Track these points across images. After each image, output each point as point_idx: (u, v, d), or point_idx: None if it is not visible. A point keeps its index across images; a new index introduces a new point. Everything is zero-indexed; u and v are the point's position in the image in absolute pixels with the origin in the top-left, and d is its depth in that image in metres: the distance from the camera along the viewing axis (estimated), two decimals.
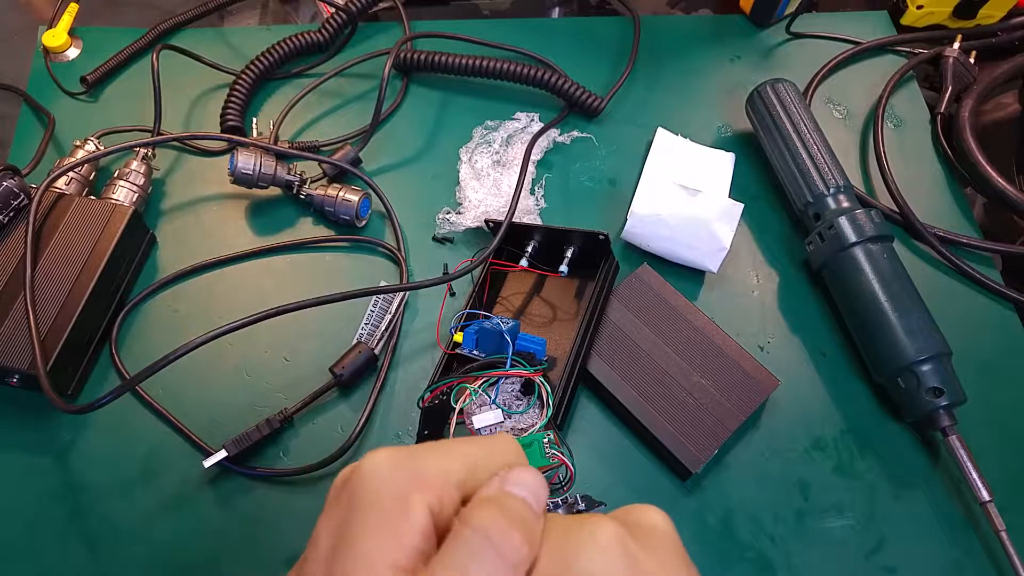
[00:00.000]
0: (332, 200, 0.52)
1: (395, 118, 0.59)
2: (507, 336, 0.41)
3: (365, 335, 0.49)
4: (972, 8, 0.63)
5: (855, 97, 0.61)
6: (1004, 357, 0.50)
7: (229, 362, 0.48)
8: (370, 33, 0.63)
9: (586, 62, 0.61)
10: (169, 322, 0.50)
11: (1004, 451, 0.46)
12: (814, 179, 0.51)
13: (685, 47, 0.64)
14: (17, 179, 0.47)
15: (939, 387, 0.44)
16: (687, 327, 0.47)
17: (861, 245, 0.47)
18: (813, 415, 0.48)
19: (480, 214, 0.52)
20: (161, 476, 0.45)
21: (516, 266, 0.49)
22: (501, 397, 0.40)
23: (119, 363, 0.48)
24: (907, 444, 0.47)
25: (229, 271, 0.52)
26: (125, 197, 0.51)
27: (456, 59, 0.58)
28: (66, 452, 0.45)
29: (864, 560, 0.43)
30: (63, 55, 0.61)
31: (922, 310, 0.46)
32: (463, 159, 0.56)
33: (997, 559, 0.43)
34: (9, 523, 0.43)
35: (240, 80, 0.57)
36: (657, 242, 0.51)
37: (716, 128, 0.59)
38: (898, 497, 0.45)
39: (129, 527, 0.43)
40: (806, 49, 0.64)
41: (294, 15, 0.66)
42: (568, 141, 0.58)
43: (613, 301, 0.48)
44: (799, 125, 0.52)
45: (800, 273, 0.53)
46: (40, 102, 0.58)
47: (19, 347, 0.43)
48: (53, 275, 0.46)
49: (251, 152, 0.51)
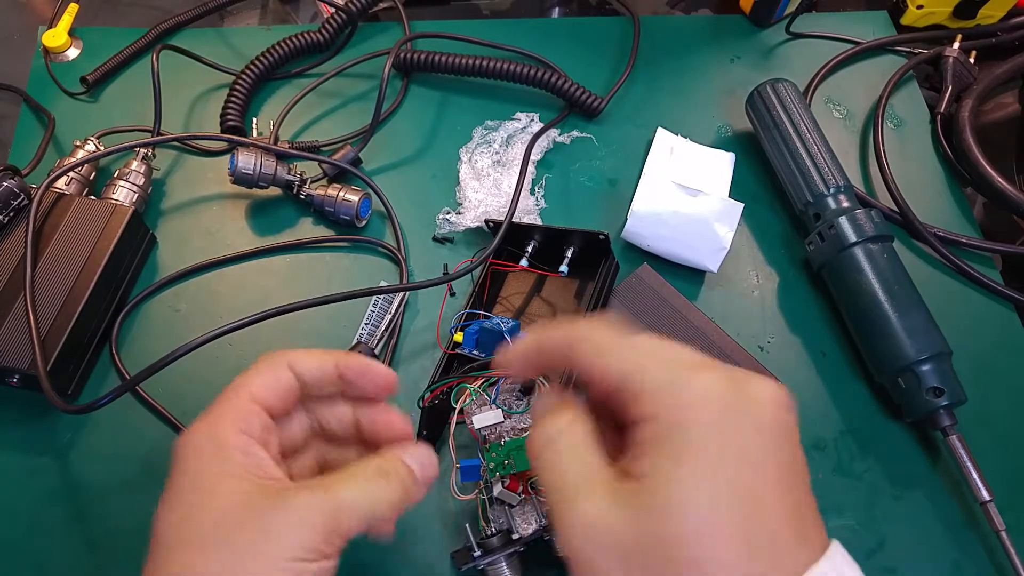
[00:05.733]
0: (332, 200, 0.52)
1: (395, 118, 0.59)
2: (507, 336, 0.41)
3: (365, 335, 0.49)
4: (972, 8, 0.63)
5: (855, 97, 0.61)
6: (1004, 357, 0.50)
7: (229, 362, 0.48)
8: (370, 33, 0.63)
9: (586, 62, 0.61)
10: (169, 322, 0.50)
11: (1004, 451, 0.46)
12: (814, 179, 0.51)
13: (685, 47, 0.64)
14: (17, 179, 0.47)
15: (939, 387, 0.44)
16: (687, 327, 0.47)
17: (861, 245, 0.47)
18: (813, 415, 0.48)
19: (480, 214, 0.52)
20: (161, 476, 0.44)
21: (516, 266, 0.49)
22: (501, 397, 0.40)
23: (119, 363, 0.48)
24: (907, 444, 0.47)
25: (229, 271, 0.52)
26: (125, 197, 0.51)
27: (456, 59, 0.58)
28: (66, 452, 0.45)
29: (864, 560, 0.43)
30: (63, 55, 0.61)
31: (922, 310, 0.46)
32: (463, 159, 0.56)
33: (997, 559, 0.43)
34: (9, 523, 0.43)
35: (240, 80, 0.57)
36: (657, 242, 0.51)
37: (716, 128, 0.59)
38: (898, 497, 0.45)
39: (129, 527, 0.43)
40: (806, 49, 0.64)
41: (294, 15, 0.66)
42: (568, 141, 0.58)
43: (613, 301, 0.48)
44: (799, 125, 0.52)
45: (800, 273, 0.53)
46: (40, 102, 0.58)
47: (19, 347, 0.43)
48: (53, 275, 0.46)
49: (251, 152, 0.51)
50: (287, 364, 0.31)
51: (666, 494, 0.21)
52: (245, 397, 0.29)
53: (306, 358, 0.31)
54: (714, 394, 0.23)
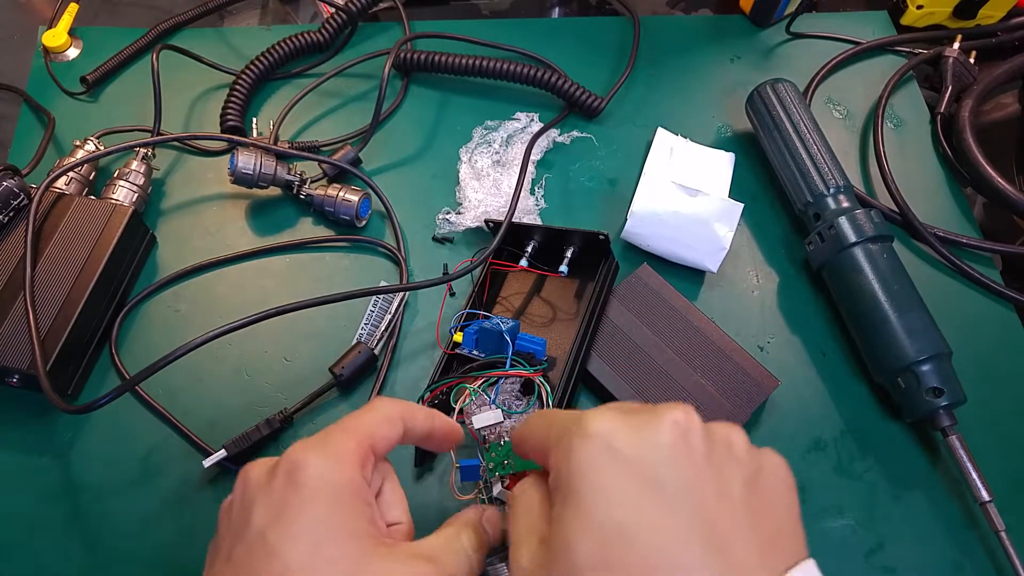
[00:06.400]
0: (332, 200, 0.52)
1: (395, 118, 0.59)
2: (507, 336, 0.41)
3: (365, 335, 0.49)
4: (972, 8, 0.63)
5: (855, 97, 0.61)
6: (1004, 357, 0.50)
7: (229, 362, 0.48)
8: (370, 33, 0.63)
9: (586, 62, 0.61)
10: (169, 322, 0.50)
11: (1004, 451, 0.46)
12: (814, 179, 0.51)
13: (685, 47, 0.64)
14: (17, 179, 0.47)
15: (939, 387, 0.44)
16: (687, 327, 0.47)
17: (861, 245, 0.47)
18: (813, 415, 0.48)
19: (480, 214, 0.52)
20: (161, 476, 0.45)
21: (516, 266, 0.49)
22: (501, 397, 0.40)
23: (119, 363, 0.48)
24: (907, 444, 0.47)
25: (229, 271, 0.52)
26: (125, 197, 0.51)
27: (456, 59, 0.58)
28: (66, 452, 0.45)
29: (864, 560, 0.43)
30: (63, 55, 0.61)
31: (922, 310, 0.46)
32: (463, 159, 0.56)
33: (997, 559, 0.43)
34: (9, 523, 0.43)
35: (240, 80, 0.57)
36: (657, 242, 0.51)
37: (716, 128, 0.59)
38: (898, 497, 0.45)
39: (129, 527, 0.43)
40: (806, 49, 0.64)
41: (294, 15, 0.66)
42: (568, 141, 0.58)
43: (613, 301, 0.48)
44: (799, 125, 0.52)
45: (800, 273, 0.53)
46: (40, 102, 0.58)
47: (19, 347, 0.43)
48: (53, 275, 0.46)
49: (251, 152, 0.51)
50: (401, 418, 0.31)
51: (560, 538, 0.23)
52: (366, 444, 0.29)
53: (419, 416, 0.32)
54: (598, 437, 0.24)
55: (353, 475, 0.27)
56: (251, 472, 0.28)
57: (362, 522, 0.27)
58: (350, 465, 0.28)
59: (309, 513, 0.26)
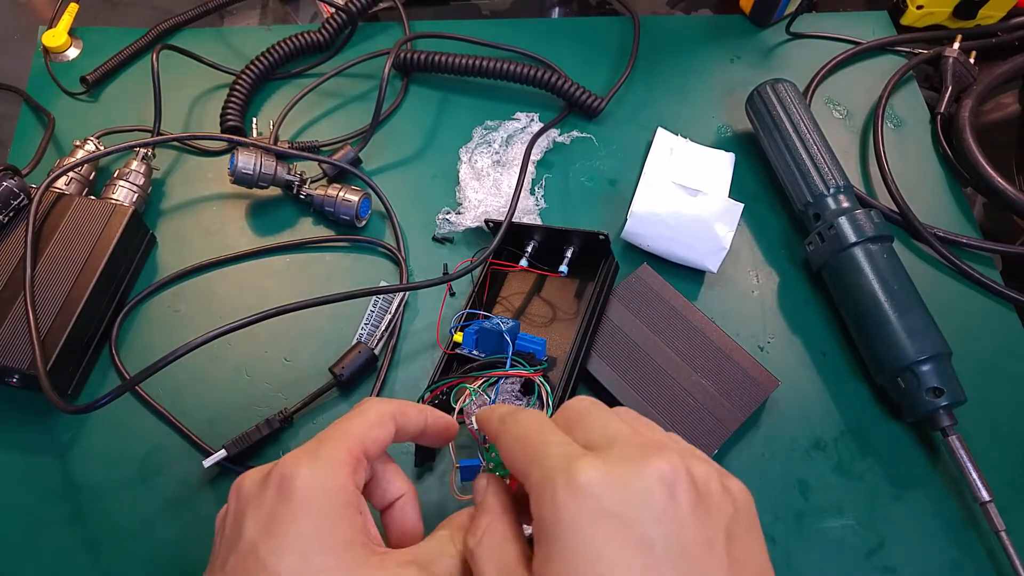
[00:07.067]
0: (332, 200, 0.52)
1: (395, 118, 0.59)
2: (507, 336, 0.41)
3: (365, 335, 0.49)
4: (972, 8, 0.63)
5: (855, 97, 0.61)
6: (1004, 357, 0.50)
7: (229, 362, 0.48)
8: (370, 33, 0.63)
9: (586, 62, 0.61)
10: (169, 322, 0.50)
11: (1004, 451, 0.46)
12: (814, 179, 0.51)
13: (685, 47, 0.64)
14: (17, 179, 0.47)
15: (939, 387, 0.44)
16: (687, 327, 0.47)
17: (861, 245, 0.47)
18: (813, 415, 0.48)
19: (480, 214, 0.52)
20: (161, 476, 0.45)
21: (516, 266, 0.49)
22: (501, 397, 0.40)
23: (119, 363, 0.48)
24: (907, 444, 0.47)
25: (229, 271, 0.52)
26: (125, 197, 0.51)
27: (456, 59, 0.58)
28: (66, 452, 0.45)
29: (864, 560, 0.43)
30: (63, 55, 0.61)
31: (922, 310, 0.46)
32: (463, 159, 0.56)
33: (997, 559, 0.43)
34: (9, 523, 0.43)
35: (240, 80, 0.57)
36: (657, 242, 0.51)
37: (716, 128, 0.59)
38: (898, 497, 0.45)
39: (129, 527, 0.43)
40: (806, 49, 0.64)
41: (294, 15, 0.66)
42: (568, 141, 0.58)
43: (613, 301, 0.48)
44: (799, 125, 0.52)
45: (800, 273, 0.53)
46: (40, 102, 0.58)
47: (19, 347, 0.43)
48: (53, 275, 0.46)
49: (251, 152, 0.51)
50: (393, 418, 0.31)
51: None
52: (357, 450, 0.29)
53: (410, 414, 0.31)
54: (585, 492, 0.23)
55: (344, 484, 0.27)
56: (244, 483, 0.28)
57: (354, 531, 0.27)
58: (341, 474, 0.27)
59: (299, 525, 0.26)
